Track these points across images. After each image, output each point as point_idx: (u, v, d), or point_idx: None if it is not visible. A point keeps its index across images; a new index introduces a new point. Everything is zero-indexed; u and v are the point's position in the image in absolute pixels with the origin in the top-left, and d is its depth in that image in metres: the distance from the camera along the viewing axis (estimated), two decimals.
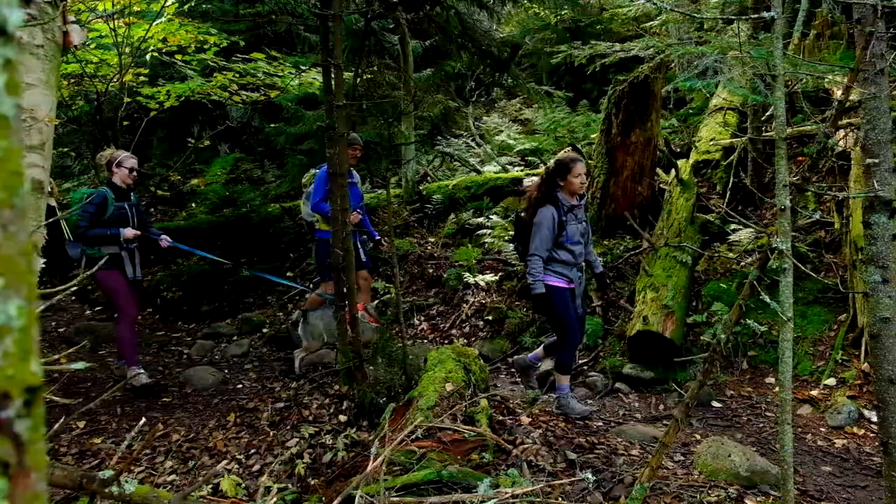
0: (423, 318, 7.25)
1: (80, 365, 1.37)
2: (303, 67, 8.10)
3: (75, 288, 1.79)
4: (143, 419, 3.70)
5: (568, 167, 4.65)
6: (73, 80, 8.30)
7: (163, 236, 5.99)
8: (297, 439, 4.68)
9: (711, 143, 7.77)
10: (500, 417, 4.63)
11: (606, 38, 10.70)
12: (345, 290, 4.64)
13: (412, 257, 8.05)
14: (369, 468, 2.75)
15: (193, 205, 10.15)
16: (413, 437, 3.56)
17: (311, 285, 7.49)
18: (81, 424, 5.07)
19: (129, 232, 5.63)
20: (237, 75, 7.71)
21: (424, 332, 7.06)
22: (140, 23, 7.54)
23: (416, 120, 8.98)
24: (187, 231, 9.14)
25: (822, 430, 4.92)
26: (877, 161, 2.78)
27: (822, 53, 9.69)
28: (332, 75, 4.11)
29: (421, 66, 11.55)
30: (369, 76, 5.99)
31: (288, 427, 4.93)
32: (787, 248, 2.70)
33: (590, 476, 3.37)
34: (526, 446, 4.12)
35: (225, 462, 4.47)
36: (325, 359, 6.10)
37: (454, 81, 13.43)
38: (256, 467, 4.44)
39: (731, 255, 6.35)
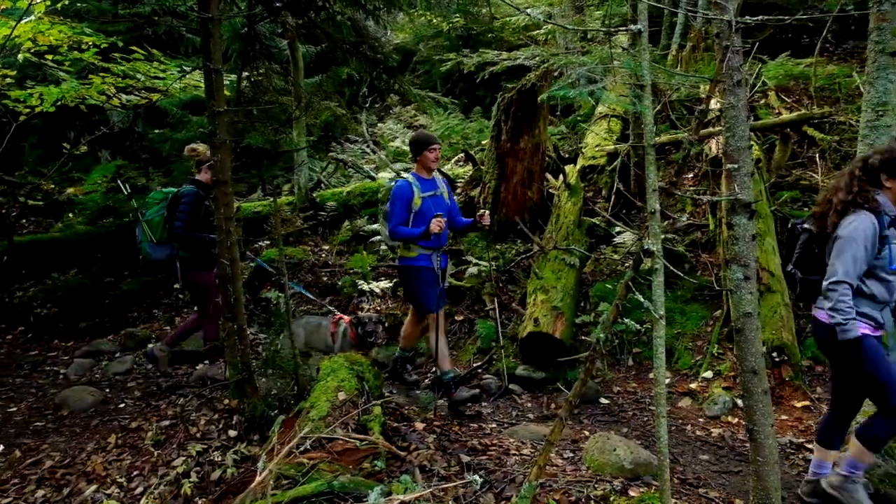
0: None
1: None
2: (187, 69, 7.80)
3: None
4: (1, 446, 3.44)
5: None
6: None
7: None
8: (184, 458, 4.48)
9: (597, 149, 8.07)
10: (395, 424, 4.63)
11: (497, 47, 10.93)
12: (232, 300, 4.49)
13: (306, 265, 7.91)
14: (254, 483, 2.67)
15: (71, 215, 9.57)
16: (302, 448, 3.49)
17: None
18: None
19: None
20: (118, 78, 7.34)
21: None
22: (6, 20, 7.04)
23: (308, 126, 8.85)
24: (63, 243, 8.62)
25: (701, 420, 5.20)
26: (736, 166, 2.95)
27: (698, 65, 10.30)
28: (213, 80, 3.98)
29: (314, 72, 11.40)
30: (257, 80, 5.83)
31: (174, 446, 4.72)
32: (657, 250, 2.83)
33: (477, 478, 3.41)
34: (420, 452, 4.13)
35: (104, 487, 4.22)
36: (213, 372, 5.89)
37: (348, 87, 13.35)
38: (139, 490, 4.22)
39: (615, 256, 6.62)
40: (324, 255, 8.14)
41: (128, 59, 7.00)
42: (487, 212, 5.33)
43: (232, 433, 4.74)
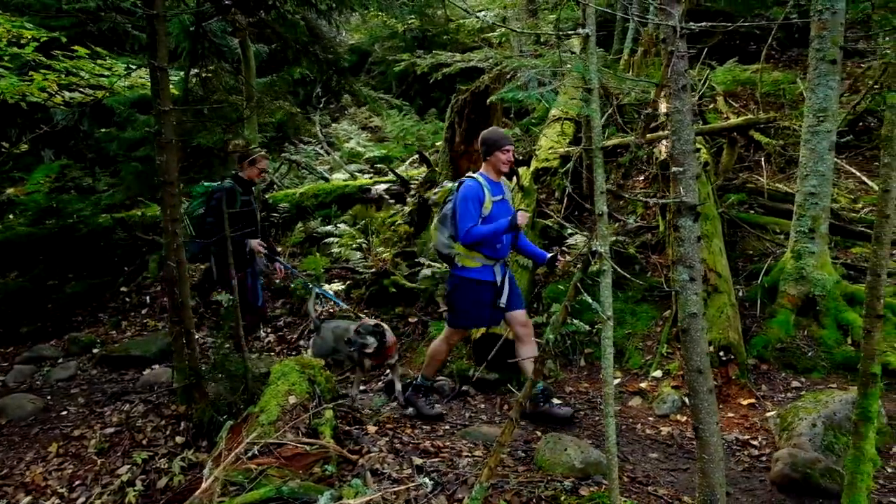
0: (269, 330, 7.04)
1: None
2: (133, 67, 7.61)
3: None
4: None
5: None
6: None
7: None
8: (129, 466, 4.38)
9: (550, 151, 8.13)
10: (347, 427, 4.58)
11: (453, 49, 10.96)
12: (179, 303, 4.40)
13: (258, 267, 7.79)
14: (198, 491, 2.61)
15: (11, 216, 9.25)
16: (250, 454, 3.43)
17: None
18: None
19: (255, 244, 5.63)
20: (60, 75, 7.11)
21: (271, 345, 6.85)
22: None
23: (260, 126, 8.73)
24: (3, 245, 8.32)
25: (651, 419, 5.27)
26: (682, 169, 3.00)
27: (649, 69, 10.47)
28: (158, 78, 3.89)
29: (267, 71, 11.24)
30: (207, 79, 5.72)
31: (119, 454, 4.60)
32: (605, 251, 2.86)
33: (427, 481, 3.39)
34: (371, 455, 4.10)
35: (44, 498, 4.09)
36: (161, 378, 5.76)
37: (302, 88, 13.21)
38: (81, 500, 4.11)
39: (568, 257, 6.68)
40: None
41: (70, 56, 6.79)
42: (561, 258, 4.83)
43: (179, 440, 4.64)
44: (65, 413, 5.55)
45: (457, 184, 4.87)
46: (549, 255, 5.01)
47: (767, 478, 4.25)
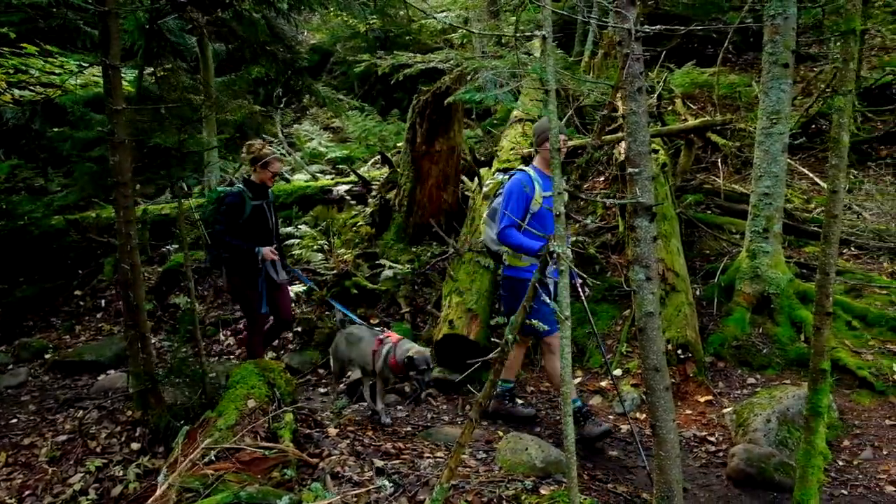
0: (229, 334, 6.93)
1: None
2: (85, 65, 7.43)
3: None
4: None
5: None
6: None
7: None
8: (82, 474, 4.27)
9: (512, 152, 8.16)
10: (307, 431, 4.53)
11: (415, 49, 10.93)
12: (133, 307, 4.30)
13: (217, 270, 7.66)
14: (153, 498, 2.55)
15: None
16: (207, 459, 3.37)
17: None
18: None
19: (267, 252, 5.19)
20: (9, 71, 6.91)
21: (231, 348, 6.75)
22: None
23: (219, 125, 8.61)
24: None
25: (611, 417, 5.33)
26: (638, 170, 3.04)
27: (609, 71, 10.59)
28: (111, 76, 3.80)
29: (227, 70, 11.08)
30: (163, 77, 5.61)
31: (71, 462, 4.49)
32: (563, 252, 2.88)
33: (386, 483, 3.38)
34: (332, 458, 4.07)
35: None
36: (116, 383, 5.63)
37: (263, 87, 13.05)
38: None
39: (589, 292, 6.71)
40: None
41: (19, 53, 6.61)
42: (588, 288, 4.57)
43: (135, 446, 4.55)
44: (14, 421, 5.39)
45: (507, 176, 4.61)
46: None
47: (724, 473, 4.33)
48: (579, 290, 4.78)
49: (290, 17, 5.51)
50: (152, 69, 5.37)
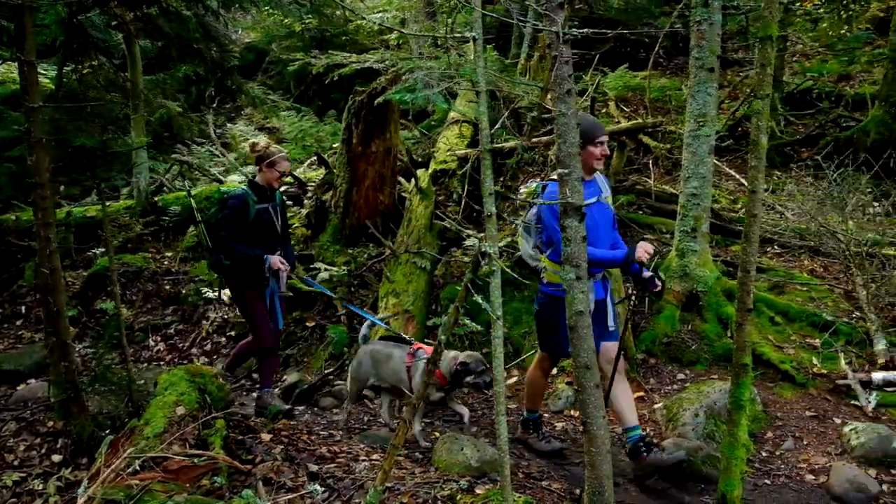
0: (159, 339, 6.74)
1: None
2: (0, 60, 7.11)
3: None
4: None
5: None
6: None
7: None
8: None
9: (449, 153, 8.20)
10: (240, 437, 4.44)
11: (352, 49, 10.84)
12: (54, 312, 4.13)
13: (146, 274, 7.45)
14: None
15: None
16: (132, 469, 3.26)
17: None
18: None
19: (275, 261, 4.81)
20: None
21: (161, 354, 6.57)
22: None
23: (147, 126, 8.35)
24: None
25: (546, 415, 5.39)
26: (568, 171, 3.08)
27: (545, 73, 10.73)
28: (26, 73, 3.64)
29: (156, 69, 10.77)
30: (85, 75, 5.41)
31: None
32: (494, 252, 2.90)
33: (317, 488, 3.34)
34: (265, 464, 3.99)
35: None
36: (37, 393, 5.39)
37: (196, 86, 12.72)
38: None
39: (466, 259, 6.75)
40: (166, 263, 7.70)
41: None
42: (659, 283, 4.09)
43: (56, 458, 4.36)
44: None
45: (541, 184, 4.07)
46: (648, 276, 4.09)
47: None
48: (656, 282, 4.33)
49: (219, 14, 5.38)
50: (74, 66, 5.17)
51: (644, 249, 3.90)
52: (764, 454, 4.58)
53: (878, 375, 5.21)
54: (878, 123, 8.64)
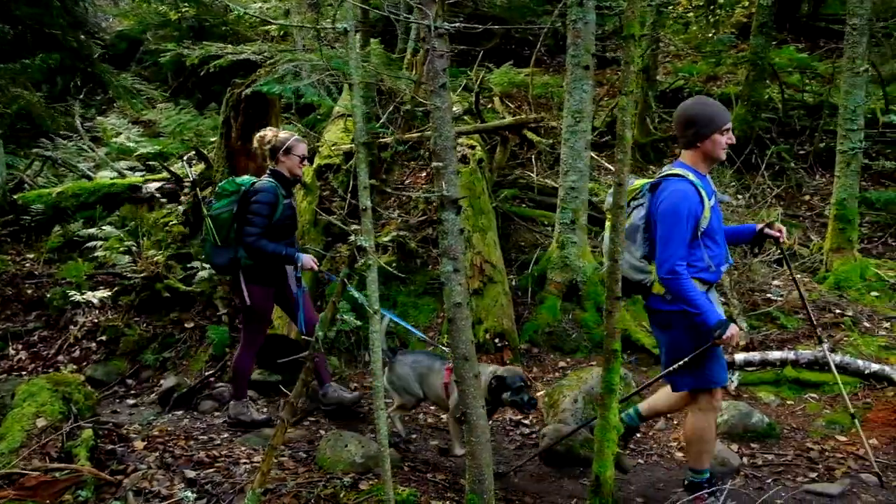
0: (20, 347, 6.26)
1: None
2: None
3: None
4: None
5: None
6: None
7: None
8: None
9: (333, 148, 8.08)
10: (110, 446, 4.21)
11: (233, 41, 10.48)
12: None
13: (5, 277, 6.90)
14: None
15: None
16: None
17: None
18: None
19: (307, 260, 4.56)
20: None
21: (23, 363, 6.10)
22: None
23: (2, 118, 7.74)
24: None
25: (432, 407, 5.43)
26: (443, 164, 3.10)
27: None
28: None
29: (15, 56, 9.99)
30: None
31: None
32: (369, 246, 2.88)
33: (189, 495, 3.21)
34: (137, 473, 3.80)
35: None
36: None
37: (61, 76, 11.88)
38: None
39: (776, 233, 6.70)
40: (28, 265, 7.16)
41: None
42: (783, 228, 3.65)
43: None
44: None
45: (648, 184, 3.51)
46: (759, 227, 3.72)
47: (536, 453, 4.56)
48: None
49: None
50: None
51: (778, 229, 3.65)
52: (638, 435, 4.80)
53: (739, 357, 5.57)
54: (740, 121, 9.23)
